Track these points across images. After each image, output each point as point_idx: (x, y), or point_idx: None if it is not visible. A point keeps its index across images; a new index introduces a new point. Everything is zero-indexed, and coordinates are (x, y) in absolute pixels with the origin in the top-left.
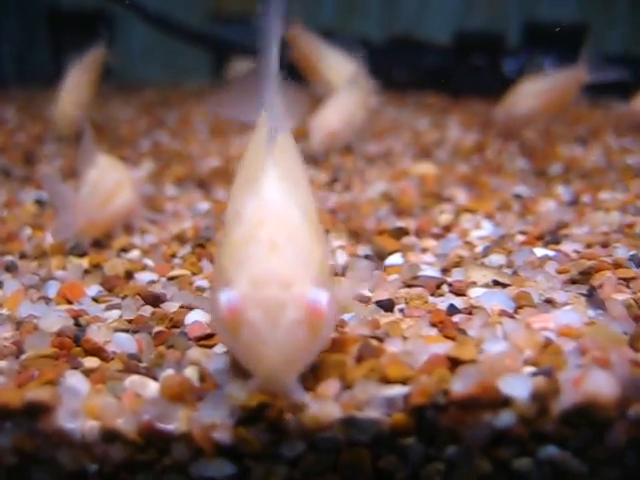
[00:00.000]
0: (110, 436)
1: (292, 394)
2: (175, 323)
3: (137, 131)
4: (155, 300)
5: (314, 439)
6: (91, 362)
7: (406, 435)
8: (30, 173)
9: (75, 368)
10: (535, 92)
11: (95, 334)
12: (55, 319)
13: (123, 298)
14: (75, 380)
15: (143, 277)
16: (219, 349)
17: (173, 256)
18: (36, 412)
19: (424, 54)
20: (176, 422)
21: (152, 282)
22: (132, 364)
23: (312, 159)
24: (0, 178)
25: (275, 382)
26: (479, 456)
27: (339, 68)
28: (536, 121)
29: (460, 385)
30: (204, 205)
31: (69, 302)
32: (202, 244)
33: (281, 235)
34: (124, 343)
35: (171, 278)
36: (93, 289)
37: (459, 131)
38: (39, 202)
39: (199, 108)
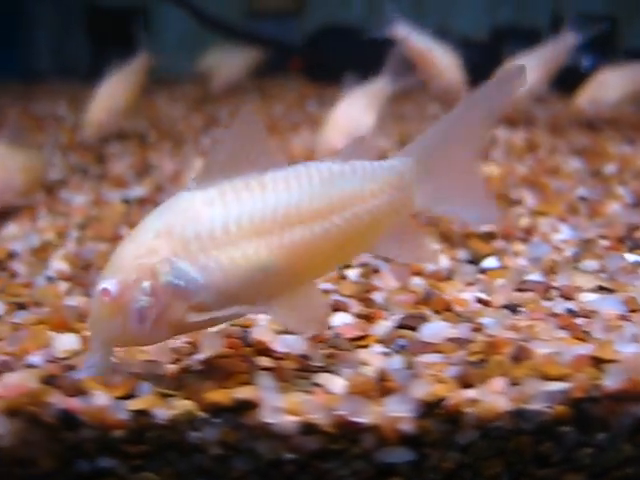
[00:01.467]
0: (308, 429)
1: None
2: None
3: (194, 128)
4: None
5: (486, 428)
6: (266, 362)
7: (564, 424)
8: (105, 171)
9: (260, 368)
10: (619, 82)
11: (261, 335)
12: None
13: None
14: (265, 379)
15: None
16: (377, 348)
17: None
18: (243, 409)
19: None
20: (366, 415)
21: None
22: (306, 363)
23: None
24: (78, 177)
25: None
26: (624, 441)
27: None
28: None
29: (611, 381)
30: None
31: None
32: None
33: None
34: (292, 344)
35: None
36: None
37: (506, 129)
38: (126, 201)
39: (251, 105)
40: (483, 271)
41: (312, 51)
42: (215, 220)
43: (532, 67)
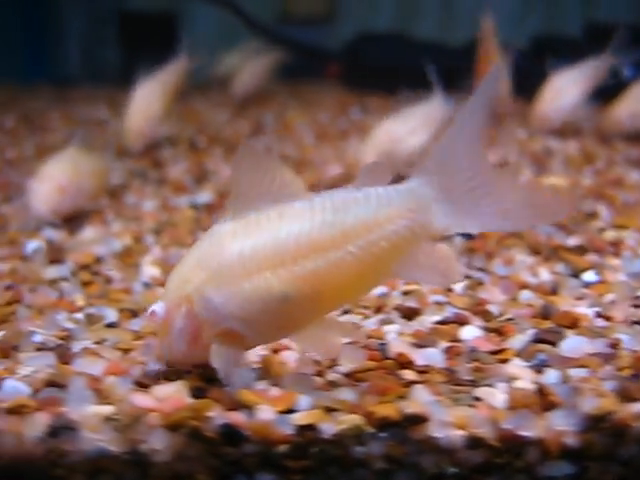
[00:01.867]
0: (473, 443)
1: None
2: (453, 337)
3: (241, 135)
4: (413, 313)
5: None
6: (411, 375)
7: None
8: (163, 176)
9: (409, 382)
10: None
11: (400, 348)
12: None
13: (377, 311)
14: (423, 393)
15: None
16: (519, 362)
17: None
18: (412, 423)
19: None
20: (531, 429)
21: (382, 295)
22: (455, 377)
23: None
24: (138, 181)
25: None
26: None
27: None
28: None
29: None
30: None
31: None
32: None
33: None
34: (433, 357)
35: (406, 292)
36: None
37: (557, 140)
38: (194, 206)
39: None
40: (586, 285)
41: (350, 58)
42: (237, 251)
43: (577, 81)
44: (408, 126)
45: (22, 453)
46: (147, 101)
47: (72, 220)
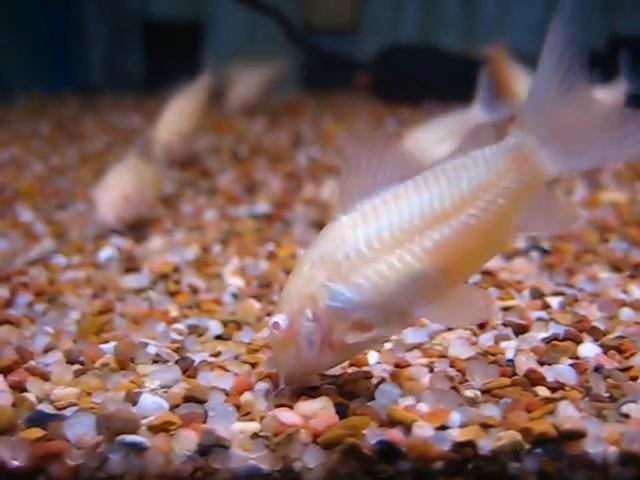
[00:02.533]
0: (627, 458)
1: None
2: (573, 354)
3: (283, 145)
4: (522, 330)
5: None
6: (546, 392)
7: None
8: (213, 185)
9: (549, 399)
10: None
11: (528, 364)
12: (460, 347)
13: (480, 327)
14: (568, 409)
15: None
16: None
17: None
18: (568, 439)
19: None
20: None
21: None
22: (592, 394)
23: None
24: (190, 191)
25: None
26: None
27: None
28: None
29: None
30: None
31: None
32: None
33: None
34: (564, 373)
35: (506, 308)
36: None
37: None
38: (254, 216)
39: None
40: None
41: (380, 69)
42: (359, 240)
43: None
44: (435, 136)
45: (170, 472)
46: (176, 118)
47: (135, 228)
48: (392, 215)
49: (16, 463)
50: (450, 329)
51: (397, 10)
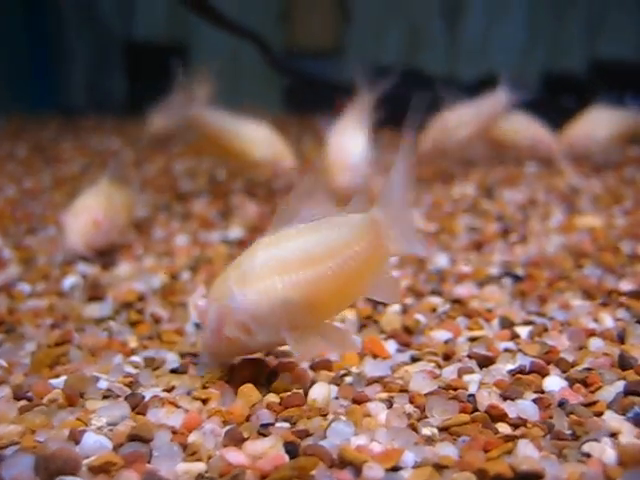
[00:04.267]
0: None
1: None
2: (537, 388)
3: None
4: (487, 362)
5: None
6: (507, 429)
7: None
8: (187, 210)
9: (508, 437)
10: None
11: (489, 399)
12: (422, 381)
13: (446, 358)
14: (527, 449)
15: (437, 335)
16: (613, 415)
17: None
18: None
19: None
20: None
21: (448, 341)
22: (554, 431)
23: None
24: (163, 215)
25: None
26: None
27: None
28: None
29: None
30: None
31: (379, 357)
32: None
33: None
34: (526, 409)
35: (473, 339)
36: (391, 345)
37: (580, 177)
38: (226, 242)
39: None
40: None
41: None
42: (260, 259)
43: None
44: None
45: None
46: None
47: (104, 254)
48: (287, 247)
49: None
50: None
51: (380, 31)
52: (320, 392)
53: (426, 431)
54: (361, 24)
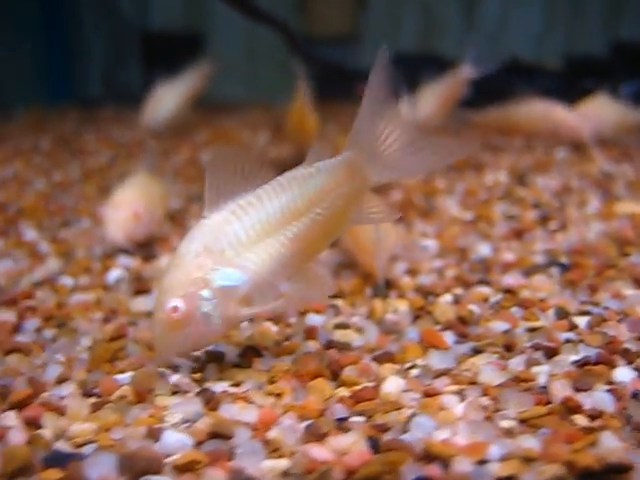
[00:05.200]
0: None
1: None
2: (608, 379)
3: (288, 157)
4: (551, 352)
5: None
6: (584, 420)
7: None
8: None
9: (589, 428)
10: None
11: (563, 391)
12: (491, 373)
13: (508, 349)
14: (610, 440)
15: (495, 326)
16: None
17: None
18: (614, 472)
19: (535, 78)
20: None
21: (506, 331)
22: (633, 422)
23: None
24: (197, 205)
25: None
26: None
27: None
28: None
29: None
30: None
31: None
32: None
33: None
34: (603, 401)
35: (532, 329)
36: (449, 337)
37: (611, 163)
38: None
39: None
40: None
41: None
42: (238, 231)
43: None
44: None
45: None
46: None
47: (144, 247)
48: (260, 213)
49: None
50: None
51: (396, 18)
52: (393, 385)
53: (504, 424)
54: (377, 10)
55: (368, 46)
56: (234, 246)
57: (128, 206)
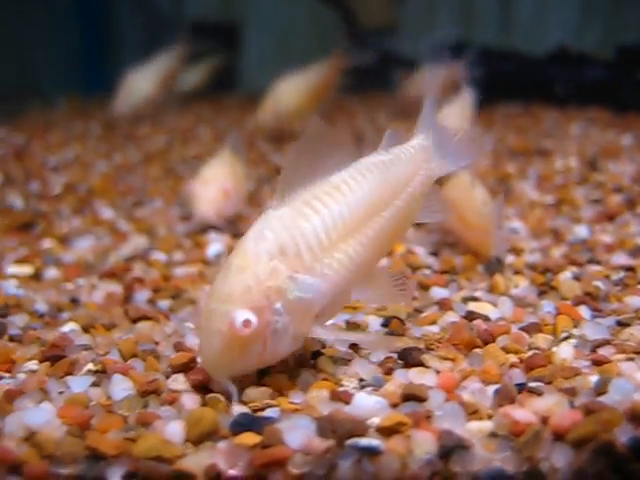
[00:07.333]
0: None
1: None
2: None
3: None
4: None
5: None
6: None
7: None
8: None
9: None
10: None
11: None
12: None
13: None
14: None
15: (631, 301)
16: None
17: None
18: None
19: (586, 68)
20: None
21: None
22: None
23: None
24: (267, 188)
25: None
26: None
27: None
28: None
29: None
30: None
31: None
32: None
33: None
34: None
35: None
36: (585, 311)
37: None
38: None
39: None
40: None
41: None
42: (317, 230)
43: None
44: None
45: (405, 478)
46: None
47: (231, 224)
48: (341, 206)
49: (233, 472)
50: None
51: (433, 9)
52: (567, 351)
53: None
54: (415, 1)
55: (406, 37)
56: (312, 248)
57: (218, 183)
